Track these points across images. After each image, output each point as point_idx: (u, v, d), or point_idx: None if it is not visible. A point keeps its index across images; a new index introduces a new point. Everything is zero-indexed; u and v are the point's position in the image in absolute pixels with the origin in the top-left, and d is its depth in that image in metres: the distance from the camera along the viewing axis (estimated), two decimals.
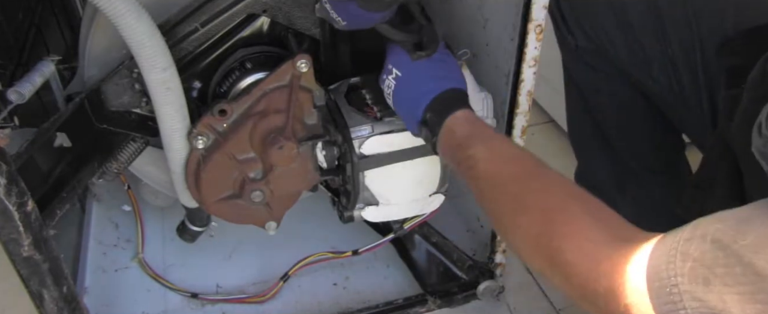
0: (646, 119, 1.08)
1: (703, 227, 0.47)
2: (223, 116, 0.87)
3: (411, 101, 0.83)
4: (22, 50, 1.00)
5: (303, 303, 1.15)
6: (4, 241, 0.77)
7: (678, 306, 0.46)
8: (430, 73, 0.83)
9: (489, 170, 0.71)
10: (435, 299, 1.13)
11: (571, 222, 0.59)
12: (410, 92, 0.84)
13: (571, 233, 0.58)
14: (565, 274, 0.58)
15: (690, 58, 0.90)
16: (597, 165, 1.18)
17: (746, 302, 0.42)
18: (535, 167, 0.70)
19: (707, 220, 0.48)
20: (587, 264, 0.55)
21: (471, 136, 0.76)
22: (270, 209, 0.97)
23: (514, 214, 0.66)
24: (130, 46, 0.77)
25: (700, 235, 0.46)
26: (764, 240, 0.43)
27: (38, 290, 0.84)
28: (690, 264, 0.45)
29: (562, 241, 0.58)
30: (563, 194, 0.64)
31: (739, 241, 0.44)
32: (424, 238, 1.17)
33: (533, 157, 0.72)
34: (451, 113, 0.79)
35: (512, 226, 0.66)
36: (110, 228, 1.29)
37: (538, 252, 0.61)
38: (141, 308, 1.13)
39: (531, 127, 1.11)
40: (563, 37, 1.06)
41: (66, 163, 0.94)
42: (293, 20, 0.93)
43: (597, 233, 0.57)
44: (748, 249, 0.43)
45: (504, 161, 0.72)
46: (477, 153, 0.73)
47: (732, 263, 0.43)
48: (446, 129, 0.78)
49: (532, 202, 0.65)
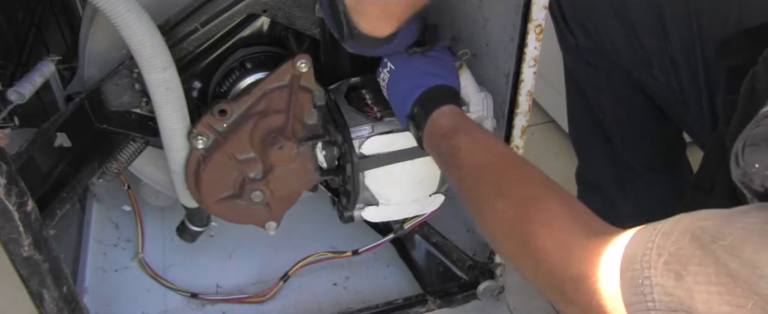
0: (646, 118, 1.08)
1: (684, 224, 0.47)
2: (223, 116, 0.87)
3: (401, 95, 0.84)
4: (22, 50, 1.00)
5: (303, 303, 1.15)
6: (4, 241, 0.77)
7: (647, 298, 0.46)
8: (422, 69, 0.84)
9: (470, 158, 0.73)
10: (435, 299, 1.13)
11: (547, 210, 0.60)
12: (401, 86, 0.85)
13: (545, 220, 0.59)
14: (535, 259, 0.58)
15: (690, 57, 0.90)
16: (598, 164, 1.18)
17: (714, 302, 0.42)
18: (515, 158, 0.73)
19: (690, 217, 0.48)
20: (559, 250, 0.56)
21: (456, 127, 0.77)
22: (270, 209, 0.97)
23: (491, 199, 0.67)
24: (130, 46, 0.77)
25: (681, 231, 0.46)
26: (742, 244, 0.42)
27: (38, 290, 0.84)
28: (665, 258, 0.45)
29: (536, 227, 0.59)
30: (541, 186, 0.65)
31: (718, 241, 0.43)
32: (424, 238, 1.17)
33: (514, 152, 0.73)
34: (438, 108, 0.80)
35: (489, 211, 0.67)
36: (110, 228, 1.29)
37: (511, 236, 0.63)
38: (141, 308, 1.13)
39: (531, 127, 1.11)
40: (564, 36, 1.06)
41: (66, 163, 0.94)
42: (293, 20, 0.93)
43: (572, 223, 0.58)
44: (725, 250, 0.43)
45: (486, 151, 0.74)
46: (460, 143, 0.74)
47: (707, 262, 0.43)
48: (432, 122, 0.79)
49: (510, 189, 0.66)
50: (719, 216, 0.46)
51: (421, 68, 0.84)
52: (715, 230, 0.45)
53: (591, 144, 1.17)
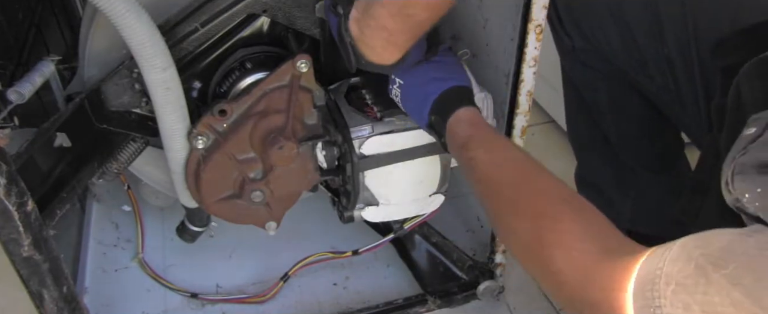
0: (643, 119, 1.08)
1: (689, 250, 0.48)
2: (223, 116, 0.87)
3: (415, 108, 0.85)
4: (22, 50, 1.00)
5: (303, 303, 1.15)
6: (4, 241, 0.77)
7: None
8: (429, 76, 0.84)
9: (487, 173, 0.73)
10: (435, 299, 1.13)
11: (561, 231, 0.60)
12: (413, 98, 0.85)
13: (560, 241, 0.59)
14: (555, 282, 0.59)
15: (686, 57, 0.90)
16: (596, 165, 1.18)
17: None
18: (531, 170, 0.71)
19: (695, 241, 0.48)
20: (576, 273, 0.57)
21: (472, 138, 0.77)
22: (270, 209, 0.97)
23: (508, 219, 0.67)
24: (130, 46, 0.77)
25: (686, 258, 0.47)
26: (743, 272, 0.43)
27: (38, 290, 0.84)
28: (672, 287, 0.46)
29: (553, 250, 0.59)
30: (557, 201, 0.65)
31: (720, 270, 0.44)
32: (424, 238, 1.17)
33: (531, 160, 0.73)
34: (453, 114, 0.80)
35: (507, 231, 0.67)
36: (110, 228, 1.29)
37: (531, 258, 0.63)
38: (141, 308, 1.13)
39: (531, 127, 1.11)
40: (560, 38, 1.06)
41: (66, 163, 0.94)
42: (293, 20, 0.93)
43: (586, 243, 0.58)
44: (728, 279, 0.43)
45: (502, 164, 0.73)
46: (477, 156, 0.74)
47: (711, 292, 0.44)
48: (449, 130, 0.80)
49: (525, 207, 0.66)
50: (721, 241, 0.47)
51: (428, 76, 0.84)
52: (718, 257, 0.45)
53: (589, 145, 1.17)
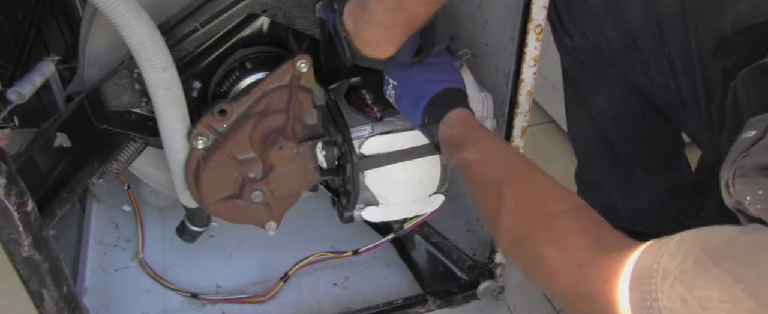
0: (644, 119, 1.08)
1: (688, 244, 0.48)
2: (223, 116, 0.86)
3: (409, 109, 0.85)
4: (22, 50, 1.00)
5: (303, 303, 1.15)
6: (4, 241, 0.77)
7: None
8: (422, 77, 0.84)
9: (480, 172, 0.73)
10: (435, 299, 1.13)
11: (555, 226, 0.60)
12: (407, 99, 0.85)
13: (554, 238, 0.59)
14: (547, 277, 0.59)
15: (687, 56, 0.90)
16: (596, 165, 1.18)
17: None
18: (524, 169, 0.72)
19: (694, 236, 0.48)
20: (570, 268, 0.57)
21: (465, 138, 0.77)
22: (270, 209, 0.97)
23: (499, 216, 0.67)
24: (130, 46, 0.77)
25: (685, 253, 0.47)
26: (743, 268, 0.43)
27: (38, 290, 0.84)
28: (669, 282, 0.46)
29: (546, 246, 0.59)
30: (550, 197, 0.65)
31: (720, 265, 0.44)
32: (424, 238, 1.17)
33: (524, 159, 0.73)
34: (446, 114, 0.80)
35: (498, 228, 0.67)
36: (110, 228, 1.29)
37: (522, 254, 0.63)
38: (141, 308, 1.13)
39: (531, 127, 1.11)
40: (560, 38, 1.06)
41: (66, 163, 0.94)
42: (293, 20, 0.93)
43: (581, 239, 0.58)
44: (728, 275, 0.43)
45: (494, 163, 0.74)
46: (469, 155, 0.74)
47: (710, 287, 0.44)
48: (442, 132, 0.80)
49: (518, 205, 0.66)
50: (721, 237, 0.47)
51: (421, 77, 0.84)
52: (718, 253, 0.45)
53: (590, 145, 1.17)
